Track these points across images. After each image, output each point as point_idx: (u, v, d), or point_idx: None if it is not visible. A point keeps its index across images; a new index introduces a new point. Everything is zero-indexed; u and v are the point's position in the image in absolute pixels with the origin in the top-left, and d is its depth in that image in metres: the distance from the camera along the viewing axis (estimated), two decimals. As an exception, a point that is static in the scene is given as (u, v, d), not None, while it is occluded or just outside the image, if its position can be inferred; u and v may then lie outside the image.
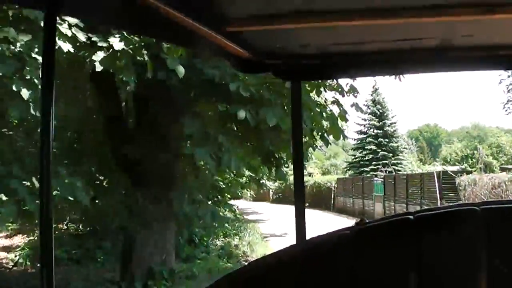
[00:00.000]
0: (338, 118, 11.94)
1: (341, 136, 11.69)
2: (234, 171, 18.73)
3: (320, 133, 11.52)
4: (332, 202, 40.34)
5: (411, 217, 2.37)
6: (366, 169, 47.42)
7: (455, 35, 2.46)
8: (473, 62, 2.72)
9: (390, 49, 2.67)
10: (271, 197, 52.97)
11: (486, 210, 2.29)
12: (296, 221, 2.81)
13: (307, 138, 11.06)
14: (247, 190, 22.93)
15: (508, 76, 50.55)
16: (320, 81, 10.09)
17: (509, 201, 3.17)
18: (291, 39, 2.59)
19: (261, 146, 9.75)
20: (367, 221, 2.59)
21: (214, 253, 19.09)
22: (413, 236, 2.32)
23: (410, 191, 27.77)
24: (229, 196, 21.12)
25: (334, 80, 11.44)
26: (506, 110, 52.87)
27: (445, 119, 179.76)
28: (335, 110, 11.90)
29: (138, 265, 10.23)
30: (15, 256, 16.48)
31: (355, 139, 52.39)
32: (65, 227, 18.04)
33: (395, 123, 51.08)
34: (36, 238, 16.41)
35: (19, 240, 19.21)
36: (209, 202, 20.43)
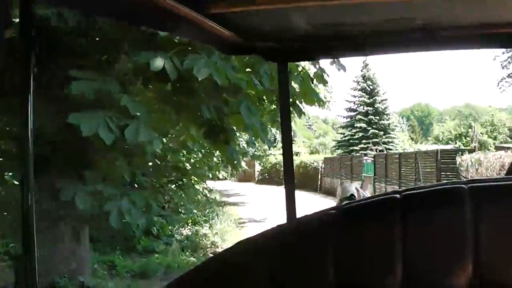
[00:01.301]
0: (314, 80, 8.98)
1: (318, 102, 8.69)
2: (201, 151, 15.93)
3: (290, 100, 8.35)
4: (319, 183, 37.47)
5: (398, 195, 2.26)
6: (355, 148, 44.72)
7: (443, 13, 2.39)
8: (462, 41, 2.63)
9: (378, 29, 2.57)
10: (256, 178, 50.09)
11: (474, 188, 2.19)
12: (287, 202, 2.65)
13: (265, 105, 8.04)
14: (218, 172, 19.73)
15: (503, 53, 48.28)
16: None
17: (497, 179, 2.46)
18: (277, 20, 2.47)
19: (195, 112, 6.68)
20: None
21: (177, 245, 16.36)
22: (399, 215, 2.19)
23: (403, 171, 24.94)
24: (195, 178, 18.11)
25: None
26: (500, 88, 50.29)
27: (436, 98, 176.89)
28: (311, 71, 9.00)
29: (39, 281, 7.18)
30: None
31: (344, 117, 49.57)
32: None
33: (386, 99, 48.12)
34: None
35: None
36: (173, 186, 17.64)
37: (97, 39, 6.80)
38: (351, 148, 45.39)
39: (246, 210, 27.19)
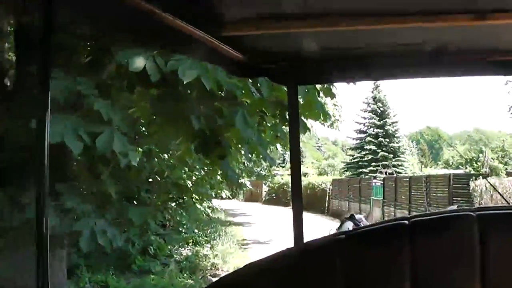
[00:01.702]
0: (321, 93, 8.21)
1: (324, 116, 7.89)
2: (203, 168, 15.10)
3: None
4: (326, 205, 36.43)
5: (406, 222, 2.33)
6: (364, 170, 43.73)
7: (451, 40, 2.45)
8: (468, 67, 2.68)
9: (387, 54, 2.64)
10: (263, 198, 49.09)
11: (482, 215, 2.26)
12: (294, 224, 2.67)
13: (265, 118, 7.21)
14: (220, 191, 18.48)
15: (515, 78, 47.09)
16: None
17: (505, 206, 2.79)
18: (288, 43, 2.52)
19: (182, 121, 5.83)
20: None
21: (176, 266, 15.49)
22: (407, 241, 2.27)
23: (413, 195, 23.92)
24: (197, 197, 17.23)
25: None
26: (512, 113, 49.05)
27: (446, 122, 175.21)
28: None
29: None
30: None
31: (354, 138, 48.63)
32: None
33: (396, 122, 47.12)
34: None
35: None
36: (173, 204, 16.81)
37: (78, 38, 6.01)
38: (360, 170, 44.45)
39: (251, 231, 26.27)
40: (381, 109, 46.30)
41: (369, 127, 46.55)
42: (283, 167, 62.97)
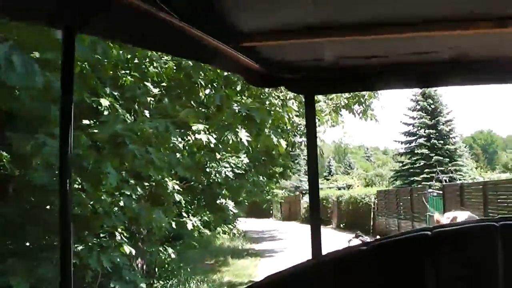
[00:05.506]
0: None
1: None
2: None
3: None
4: (371, 223, 27.85)
5: (429, 233, 2.22)
6: (417, 178, 35.03)
7: (468, 48, 2.35)
8: (487, 75, 2.57)
9: (403, 62, 2.54)
10: (302, 216, 40.71)
11: (506, 226, 2.14)
12: (312, 238, 2.54)
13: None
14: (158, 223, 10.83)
15: None
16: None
17: None
18: (305, 53, 2.48)
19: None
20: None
21: None
22: (431, 253, 2.16)
23: (493, 208, 15.51)
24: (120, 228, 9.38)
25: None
26: None
27: (498, 125, 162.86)
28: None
29: None
30: None
31: (402, 143, 39.85)
32: None
33: (451, 120, 38.12)
34: None
35: None
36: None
37: None
38: (412, 178, 35.84)
39: (270, 264, 18.63)
40: (432, 106, 37.45)
41: (419, 128, 37.75)
42: (328, 179, 54.72)
